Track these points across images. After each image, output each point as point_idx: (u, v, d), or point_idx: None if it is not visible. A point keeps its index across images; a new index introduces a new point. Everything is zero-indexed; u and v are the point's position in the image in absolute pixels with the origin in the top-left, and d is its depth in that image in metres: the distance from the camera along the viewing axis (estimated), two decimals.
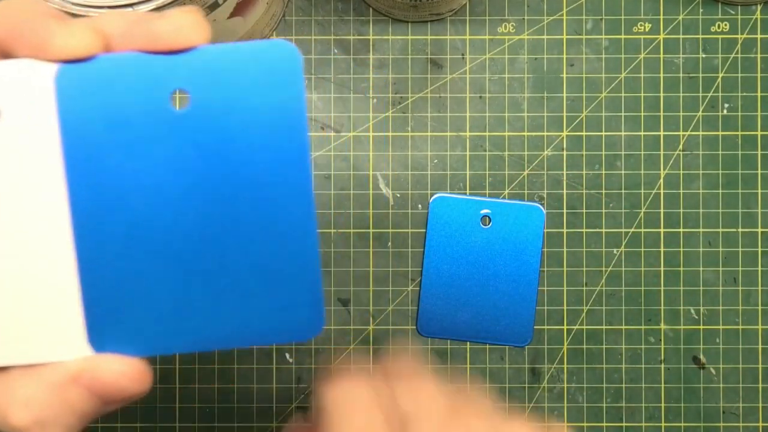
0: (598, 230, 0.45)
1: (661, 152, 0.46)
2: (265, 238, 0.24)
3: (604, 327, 0.46)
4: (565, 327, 0.46)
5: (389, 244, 0.45)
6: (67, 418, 0.23)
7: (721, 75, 0.46)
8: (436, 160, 0.45)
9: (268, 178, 0.24)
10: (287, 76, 0.23)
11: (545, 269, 0.45)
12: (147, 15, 0.23)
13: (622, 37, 0.46)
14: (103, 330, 0.24)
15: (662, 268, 0.45)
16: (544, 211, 0.45)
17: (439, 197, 0.45)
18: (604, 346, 0.46)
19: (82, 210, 0.23)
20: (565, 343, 0.45)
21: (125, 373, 0.23)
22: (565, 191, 0.45)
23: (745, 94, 0.46)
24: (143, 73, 0.23)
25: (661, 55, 0.46)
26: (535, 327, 0.45)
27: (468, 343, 0.45)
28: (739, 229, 0.45)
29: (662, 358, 0.46)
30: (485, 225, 0.45)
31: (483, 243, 0.45)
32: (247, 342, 0.25)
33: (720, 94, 0.46)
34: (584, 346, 0.45)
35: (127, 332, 0.24)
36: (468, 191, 0.45)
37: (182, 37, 0.23)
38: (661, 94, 0.46)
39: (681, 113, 0.46)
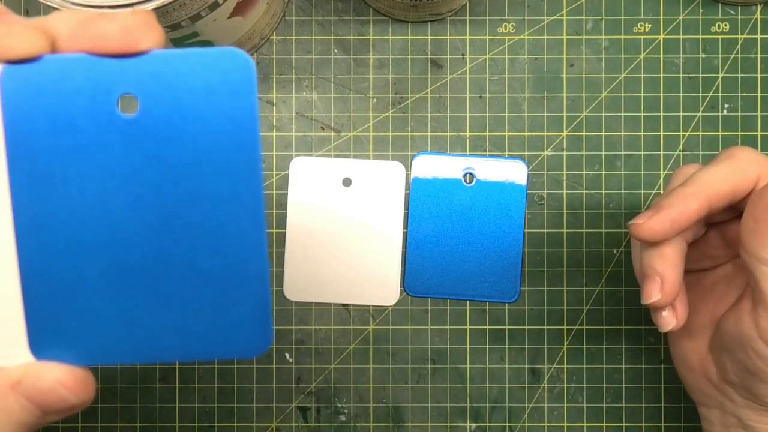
0: (598, 230, 0.45)
1: (661, 152, 0.46)
2: (213, 252, 0.24)
3: (604, 327, 0.46)
4: (565, 327, 0.45)
5: None
6: (5, 427, 0.23)
7: (721, 75, 0.46)
8: None
9: (217, 190, 0.23)
10: (240, 86, 0.23)
11: (545, 269, 0.45)
12: (97, 15, 0.22)
13: (622, 37, 0.46)
14: (44, 337, 0.23)
15: None
16: (527, 166, 0.45)
17: (422, 155, 0.45)
18: (604, 346, 0.46)
19: (25, 215, 0.23)
20: (565, 343, 0.45)
21: (63, 381, 0.23)
22: (565, 191, 0.45)
23: (745, 94, 0.46)
24: (90, 76, 0.22)
25: (661, 56, 0.46)
26: (535, 327, 0.45)
27: (468, 343, 0.45)
28: None
29: (662, 358, 0.46)
30: (468, 182, 0.45)
31: (467, 200, 0.45)
32: (191, 356, 0.24)
33: (720, 94, 0.46)
34: (584, 346, 0.45)
35: (68, 340, 0.23)
36: None
37: (130, 39, 0.22)
38: (661, 95, 0.46)
39: (681, 113, 0.46)
